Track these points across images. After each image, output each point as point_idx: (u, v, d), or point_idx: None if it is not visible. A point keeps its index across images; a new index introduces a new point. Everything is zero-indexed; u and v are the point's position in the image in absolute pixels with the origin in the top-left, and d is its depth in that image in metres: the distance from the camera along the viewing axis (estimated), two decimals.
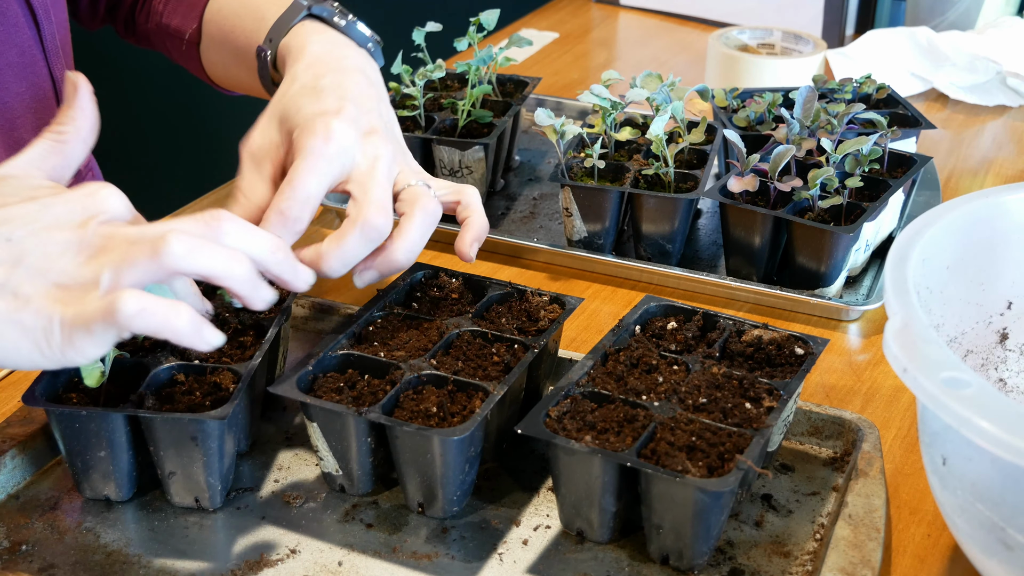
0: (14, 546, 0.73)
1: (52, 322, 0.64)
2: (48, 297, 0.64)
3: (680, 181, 1.06)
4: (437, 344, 0.80)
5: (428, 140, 1.11)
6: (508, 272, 1.06)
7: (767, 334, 0.81)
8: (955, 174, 1.29)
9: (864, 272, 1.06)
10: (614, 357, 0.79)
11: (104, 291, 0.64)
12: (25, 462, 0.79)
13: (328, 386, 0.77)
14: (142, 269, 0.65)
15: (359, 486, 0.77)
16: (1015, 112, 1.45)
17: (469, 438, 0.73)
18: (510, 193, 1.20)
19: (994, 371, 0.80)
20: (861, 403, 0.89)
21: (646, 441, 0.71)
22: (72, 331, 0.64)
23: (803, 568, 0.72)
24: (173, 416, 0.72)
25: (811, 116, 1.07)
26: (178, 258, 0.65)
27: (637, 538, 0.74)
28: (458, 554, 0.73)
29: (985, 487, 0.61)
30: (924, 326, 0.62)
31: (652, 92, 1.09)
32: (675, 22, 1.78)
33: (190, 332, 0.65)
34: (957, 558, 0.74)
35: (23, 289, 0.64)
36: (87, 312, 0.64)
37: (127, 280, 0.65)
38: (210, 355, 0.79)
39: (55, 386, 0.75)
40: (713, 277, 1.02)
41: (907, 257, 0.70)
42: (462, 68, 1.18)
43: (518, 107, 1.18)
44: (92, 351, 0.65)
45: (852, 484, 0.75)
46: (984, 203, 0.77)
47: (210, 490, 0.75)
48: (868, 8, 1.70)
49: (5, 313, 0.64)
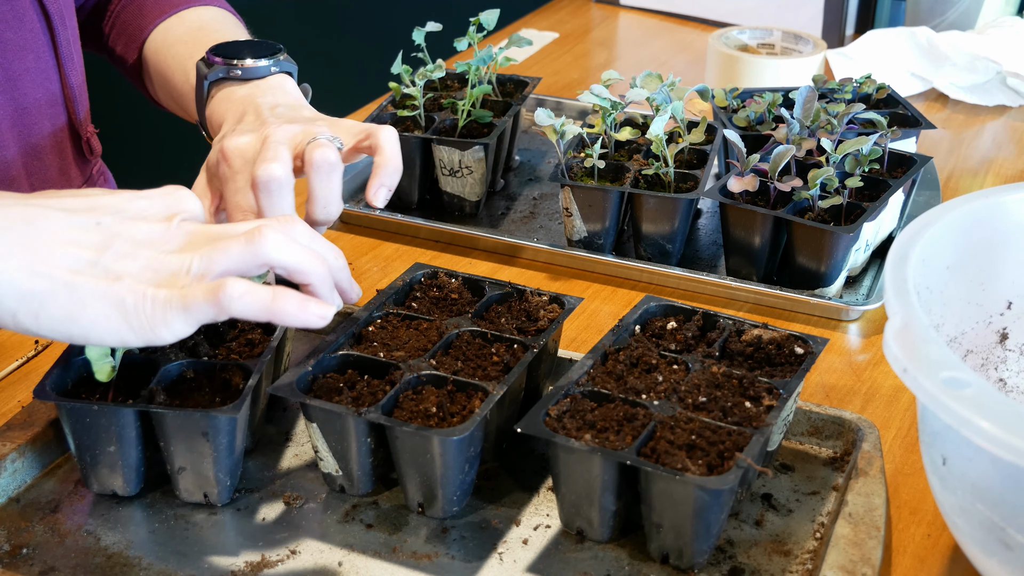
0: (15, 549, 0.73)
1: (145, 298, 0.66)
2: (140, 277, 0.67)
3: (680, 181, 1.06)
4: (437, 344, 0.80)
5: (428, 140, 1.11)
6: (508, 272, 1.06)
7: (767, 334, 0.81)
8: (955, 174, 1.29)
9: (864, 272, 1.06)
10: (614, 357, 0.79)
11: (194, 278, 0.67)
12: (26, 465, 0.79)
13: (328, 386, 0.77)
14: (235, 258, 0.68)
15: (359, 486, 0.77)
16: (1015, 112, 1.45)
17: (469, 438, 0.73)
18: (510, 193, 1.21)
19: (994, 371, 0.80)
20: (861, 403, 0.89)
21: (646, 440, 0.71)
22: (167, 308, 0.66)
23: (803, 567, 0.72)
24: (185, 412, 0.73)
25: (811, 116, 1.07)
26: (272, 249, 0.69)
27: (637, 537, 0.74)
28: (458, 554, 0.73)
29: (985, 487, 0.61)
30: (924, 326, 0.62)
31: (652, 92, 1.09)
32: (675, 22, 1.78)
33: (296, 310, 0.69)
34: (957, 558, 0.74)
35: (115, 267, 0.67)
36: (189, 293, 0.67)
37: (218, 268, 0.68)
38: (219, 352, 0.80)
39: (65, 381, 0.76)
40: (713, 277, 1.02)
41: (907, 257, 0.70)
42: (462, 68, 1.18)
43: (518, 107, 1.18)
44: (183, 329, 0.67)
45: (852, 483, 0.75)
46: (984, 203, 0.77)
47: (219, 485, 0.75)
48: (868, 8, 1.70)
49: (98, 289, 0.66)
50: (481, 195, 1.13)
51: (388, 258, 1.09)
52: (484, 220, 1.15)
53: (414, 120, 1.16)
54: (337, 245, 1.09)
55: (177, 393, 0.76)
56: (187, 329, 0.67)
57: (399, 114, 1.15)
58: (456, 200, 1.14)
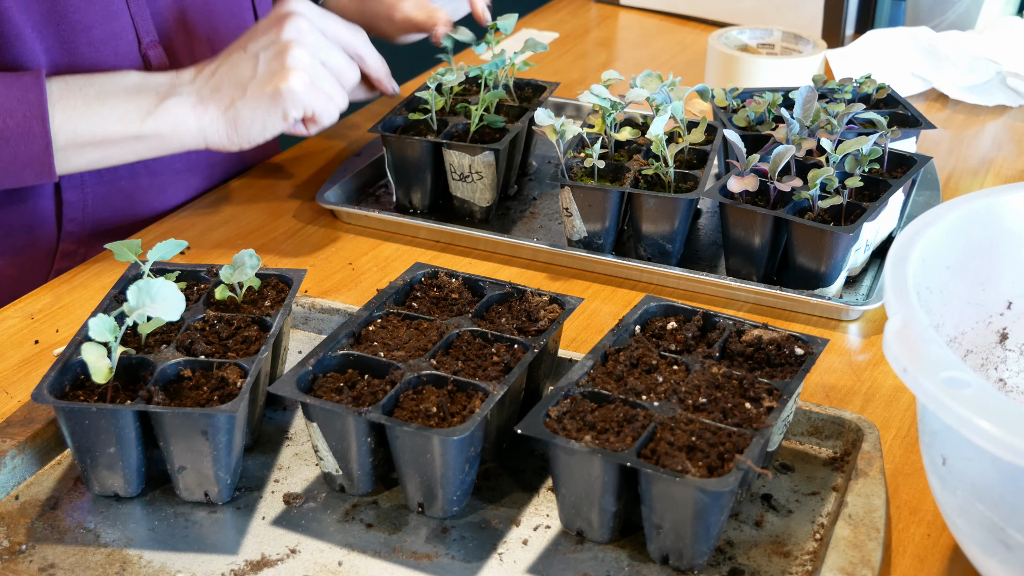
0: (14, 546, 0.73)
1: None
2: None
3: (680, 181, 1.06)
4: (437, 344, 0.80)
5: (438, 144, 1.11)
6: (508, 272, 1.06)
7: (767, 334, 0.81)
8: (955, 174, 1.29)
9: (864, 272, 1.06)
10: (614, 357, 0.80)
11: None
12: (25, 462, 0.79)
13: (328, 386, 0.77)
14: None
15: (359, 486, 0.77)
16: (1015, 112, 1.45)
17: (469, 438, 0.73)
18: (523, 197, 1.20)
19: (994, 371, 0.80)
20: (861, 403, 0.89)
21: (646, 441, 0.71)
22: None
23: (803, 568, 0.72)
24: (184, 411, 0.73)
25: (811, 116, 1.07)
26: None
27: (637, 538, 0.74)
28: (458, 554, 0.73)
29: (985, 487, 0.61)
30: (924, 326, 0.62)
31: (652, 92, 1.09)
32: (675, 22, 1.78)
33: None
34: (957, 558, 0.74)
35: None
36: None
37: None
38: (216, 351, 0.80)
39: (62, 384, 0.76)
40: (713, 277, 1.02)
41: (907, 257, 0.70)
42: (475, 72, 1.17)
43: (532, 112, 1.17)
44: None
45: (852, 484, 0.75)
46: (984, 203, 0.77)
47: (219, 484, 0.76)
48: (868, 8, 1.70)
49: None
50: (491, 200, 1.13)
51: (388, 258, 1.09)
52: (497, 224, 1.14)
53: (427, 124, 1.15)
54: (338, 246, 1.10)
55: (175, 392, 0.76)
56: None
57: (411, 117, 1.15)
58: (466, 205, 1.13)
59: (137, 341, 0.81)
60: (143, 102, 1.02)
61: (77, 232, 1.14)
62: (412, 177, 1.13)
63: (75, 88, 1.02)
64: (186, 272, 0.88)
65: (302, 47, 1.03)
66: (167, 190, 1.19)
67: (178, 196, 1.20)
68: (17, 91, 0.98)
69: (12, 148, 0.98)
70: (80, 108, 1.01)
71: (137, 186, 1.16)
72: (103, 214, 1.15)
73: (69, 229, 1.13)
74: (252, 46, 1.04)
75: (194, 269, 0.89)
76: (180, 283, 0.82)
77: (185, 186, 1.20)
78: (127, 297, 0.75)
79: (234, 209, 1.17)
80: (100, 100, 1.02)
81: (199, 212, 1.16)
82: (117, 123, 1.01)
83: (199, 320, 0.82)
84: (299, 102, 1.02)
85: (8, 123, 0.98)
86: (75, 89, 1.02)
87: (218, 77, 1.04)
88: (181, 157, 1.18)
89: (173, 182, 1.19)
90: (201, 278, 0.88)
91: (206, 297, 0.85)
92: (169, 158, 1.16)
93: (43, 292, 1.02)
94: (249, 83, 1.02)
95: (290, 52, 1.02)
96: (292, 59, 1.02)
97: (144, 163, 1.15)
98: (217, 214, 1.16)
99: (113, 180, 1.14)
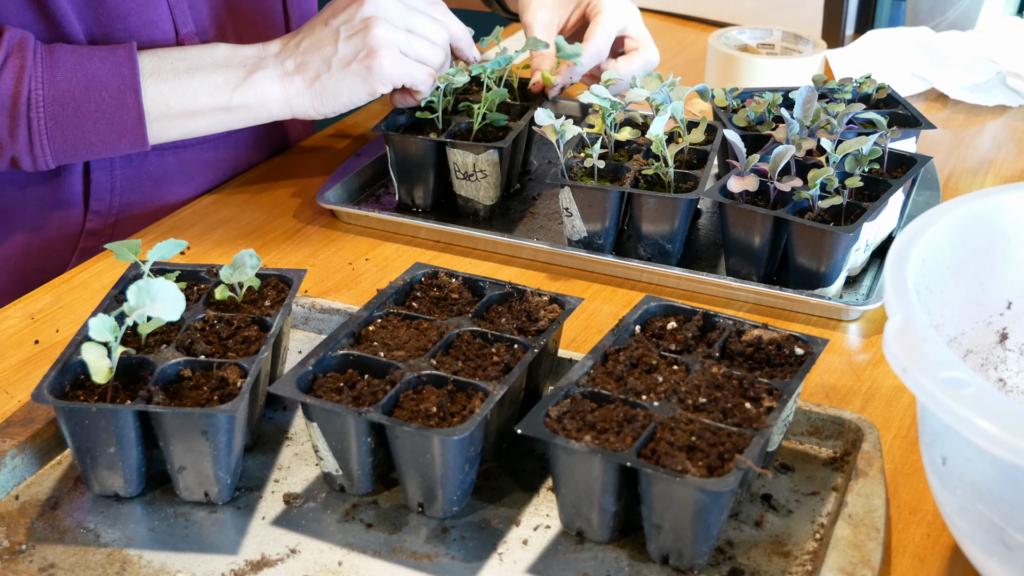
0: (14, 545, 0.73)
1: None
2: None
3: (680, 181, 1.06)
4: (437, 344, 0.80)
5: (442, 143, 1.11)
6: (508, 272, 1.06)
7: (767, 334, 0.81)
8: (955, 174, 1.29)
9: (864, 272, 1.06)
10: (614, 357, 0.80)
11: None
12: (25, 462, 0.79)
13: (328, 386, 0.77)
14: None
15: (359, 486, 0.77)
16: (1015, 112, 1.45)
17: (469, 438, 0.73)
18: (525, 196, 1.20)
19: (994, 371, 0.80)
20: (861, 403, 0.89)
21: (646, 441, 0.71)
22: None
23: (803, 568, 0.72)
24: (184, 411, 0.73)
25: (811, 116, 1.07)
26: None
27: (637, 538, 0.74)
28: (458, 554, 0.73)
29: (985, 487, 0.61)
30: (924, 326, 0.62)
31: (652, 92, 1.09)
32: (675, 22, 1.78)
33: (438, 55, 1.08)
34: (957, 558, 0.74)
35: None
36: None
37: None
38: (216, 351, 0.80)
39: (62, 384, 0.76)
40: (713, 277, 1.02)
41: (907, 257, 0.70)
42: (476, 71, 1.17)
43: (534, 111, 1.17)
44: None
45: (852, 484, 0.75)
46: (984, 203, 0.77)
47: (219, 484, 0.76)
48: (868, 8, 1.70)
49: None
50: (495, 199, 1.13)
51: (388, 258, 1.09)
52: (498, 224, 1.14)
53: (431, 123, 1.15)
54: (338, 246, 1.10)
55: (175, 392, 0.76)
56: None
57: (419, 116, 1.15)
58: (470, 204, 1.13)
59: (137, 341, 0.81)
60: (231, 75, 1.06)
61: (104, 212, 1.17)
62: (415, 176, 1.13)
63: (166, 61, 1.06)
64: (186, 272, 0.88)
65: (383, 23, 1.06)
66: (195, 178, 1.21)
67: (204, 184, 1.22)
68: (112, 64, 1.03)
69: (107, 120, 1.03)
70: (171, 81, 1.05)
71: (165, 172, 1.18)
72: (131, 197, 1.18)
73: (96, 209, 1.16)
74: (334, 21, 1.07)
75: (194, 269, 0.89)
76: (180, 283, 0.82)
77: (212, 176, 1.22)
78: (127, 297, 0.75)
79: (234, 209, 1.17)
80: (190, 73, 1.06)
81: (199, 212, 1.16)
82: (207, 95, 1.06)
83: (199, 320, 0.82)
84: (387, 78, 1.06)
85: (103, 96, 1.02)
86: (166, 63, 1.05)
87: (302, 51, 1.07)
88: (211, 147, 1.20)
89: (201, 171, 1.20)
90: (201, 278, 0.88)
91: (206, 297, 0.85)
92: (198, 148, 1.19)
93: (43, 292, 1.02)
94: (333, 59, 1.06)
95: (372, 31, 1.05)
96: (374, 38, 1.05)
97: (173, 151, 1.18)
98: (217, 214, 1.16)
99: (142, 165, 1.16)
